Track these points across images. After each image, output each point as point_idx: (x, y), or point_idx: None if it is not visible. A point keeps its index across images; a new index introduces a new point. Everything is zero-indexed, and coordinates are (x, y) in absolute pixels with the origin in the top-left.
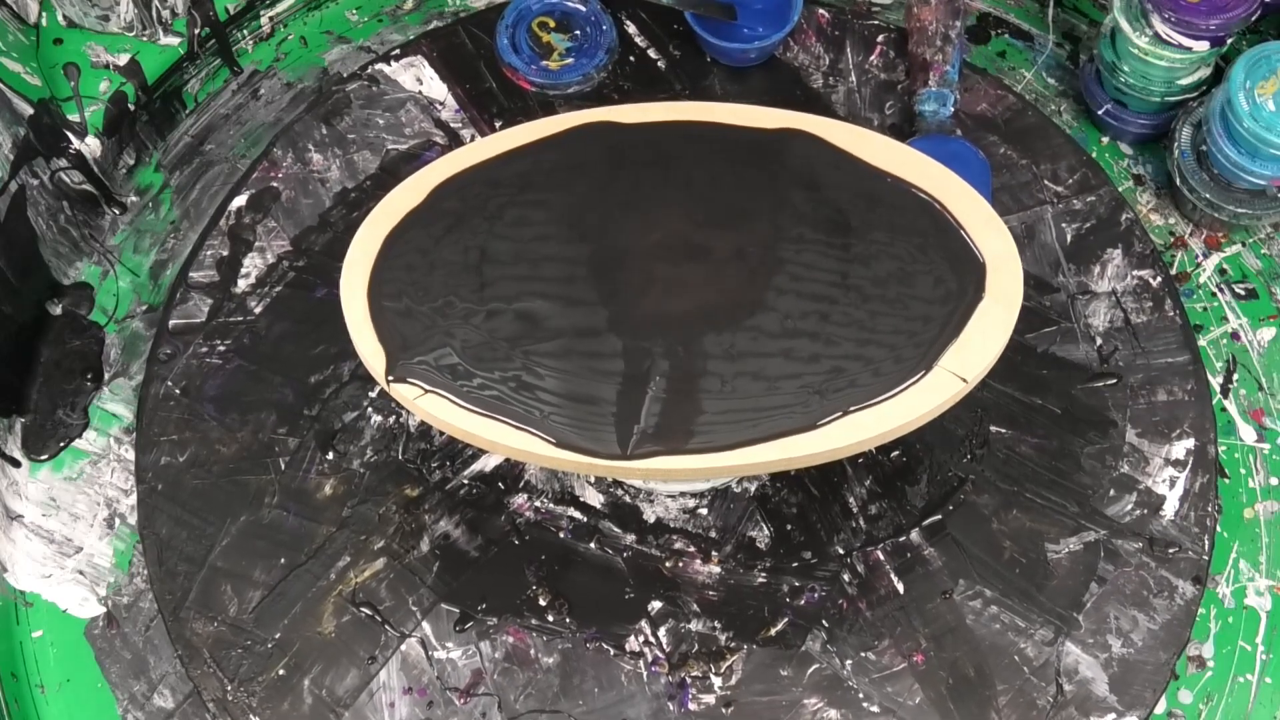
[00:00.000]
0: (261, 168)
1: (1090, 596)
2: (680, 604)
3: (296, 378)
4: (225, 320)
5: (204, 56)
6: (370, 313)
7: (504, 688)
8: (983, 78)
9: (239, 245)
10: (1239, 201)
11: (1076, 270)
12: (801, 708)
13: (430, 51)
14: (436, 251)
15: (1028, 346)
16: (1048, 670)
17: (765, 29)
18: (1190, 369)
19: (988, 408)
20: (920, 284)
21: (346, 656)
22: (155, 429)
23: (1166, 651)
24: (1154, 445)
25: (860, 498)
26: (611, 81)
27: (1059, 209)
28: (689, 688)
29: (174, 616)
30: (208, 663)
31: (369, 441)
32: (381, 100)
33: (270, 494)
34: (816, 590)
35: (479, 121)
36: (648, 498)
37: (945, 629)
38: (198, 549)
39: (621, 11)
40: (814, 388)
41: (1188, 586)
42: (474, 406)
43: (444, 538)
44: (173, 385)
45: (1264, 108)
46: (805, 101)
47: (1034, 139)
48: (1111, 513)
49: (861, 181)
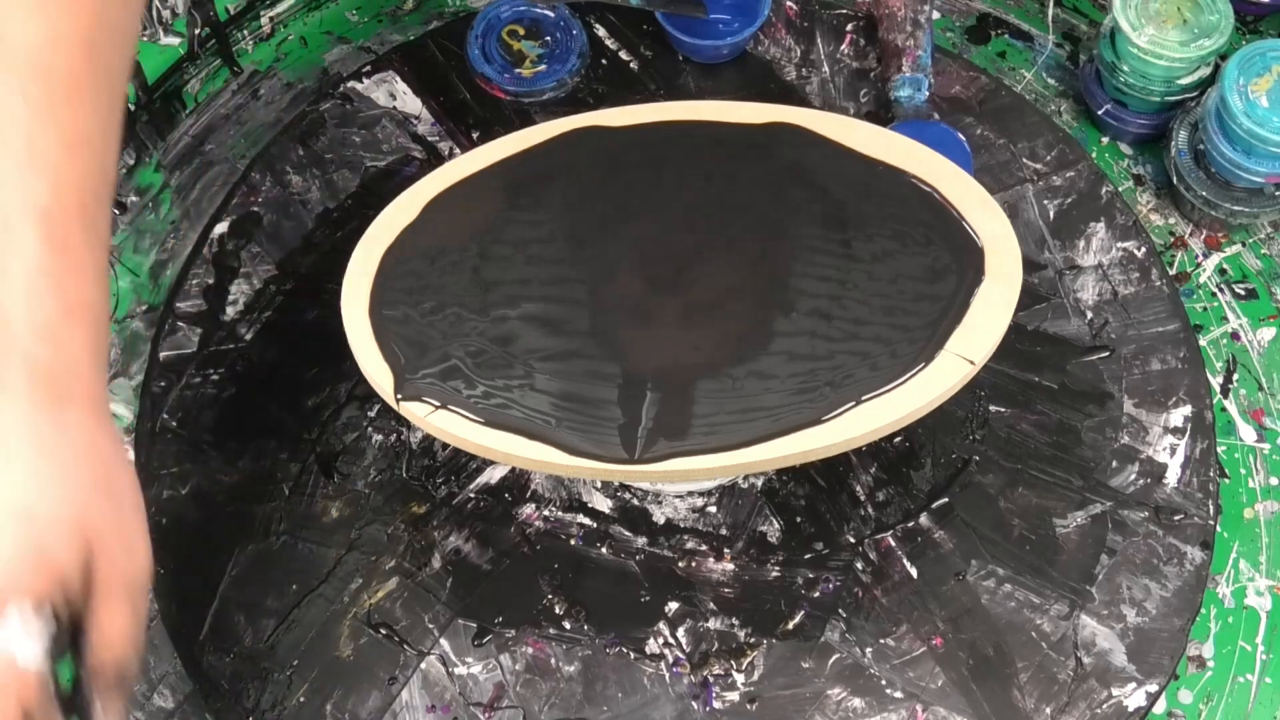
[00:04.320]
0: (241, 193)
1: (1101, 568)
2: (697, 603)
3: (293, 402)
4: (217, 349)
5: (204, 56)
6: (374, 332)
7: (528, 699)
8: (953, 60)
9: (224, 272)
10: (1237, 200)
11: (1062, 246)
12: (826, 698)
13: (401, 66)
14: (436, 266)
15: (1020, 325)
16: (1065, 644)
17: (735, 24)
18: (1181, 336)
19: (986, 388)
20: (921, 269)
21: (367, 679)
22: (154, 463)
23: (1181, 618)
24: (1152, 414)
25: (867, 486)
26: (586, 86)
27: (1039, 186)
28: (712, 686)
29: (188, 651)
30: (226, 695)
31: (371, 461)
32: (356, 118)
33: (276, 521)
34: (831, 580)
35: (456, 134)
36: (655, 499)
37: (961, 610)
38: (207, 581)
39: (590, 15)
40: (824, 379)
41: (1196, 552)
42: (485, 420)
43: (455, 553)
44: (168, 418)
45: (1258, 105)
46: (780, 94)
47: (1009, 118)
48: (1115, 484)
49: (854, 170)
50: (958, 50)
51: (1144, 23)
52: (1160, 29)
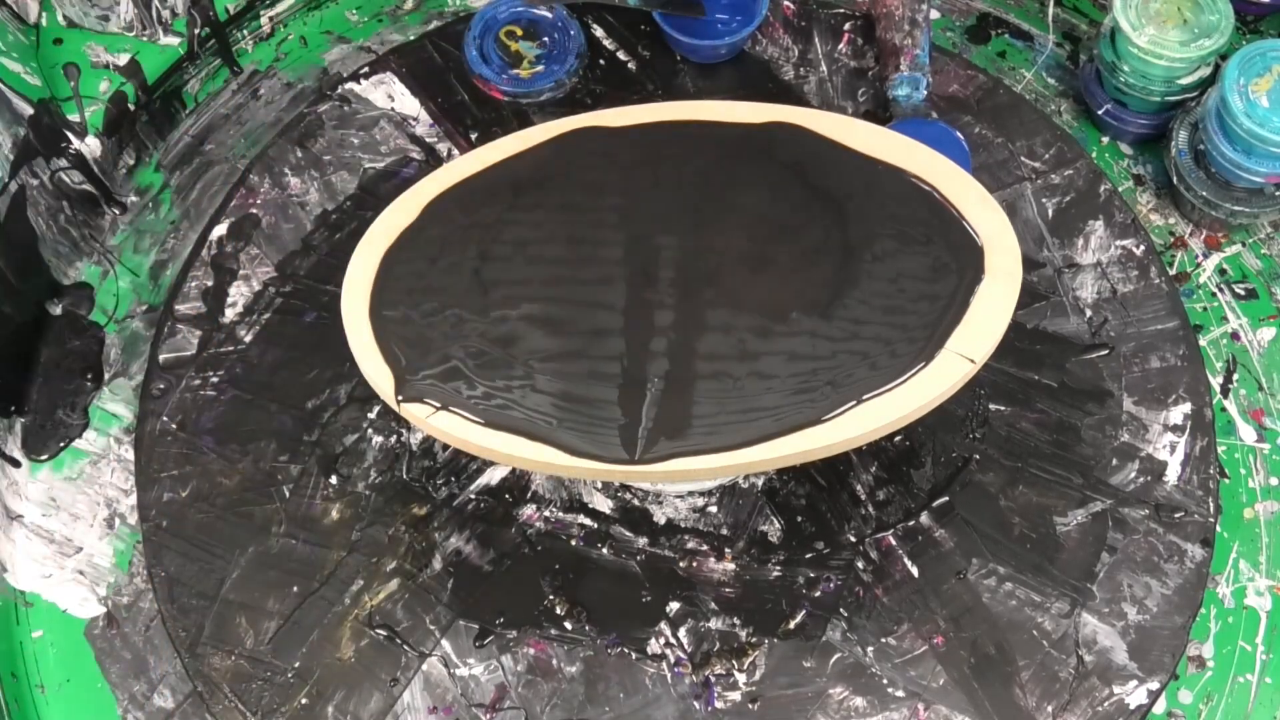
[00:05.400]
0: (239, 195)
1: (1102, 566)
2: (698, 603)
3: (293, 404)
4: (216, 351)
5: (204, 56)
6: (374, 333)
7: (529, 700)
8: (950, 59)
9: (223, 275)
10: (1237, 200)
11: (1061, 244)
12: (827, 698)
13: (399, 68)
14: (436, 267)
15: (1019, 323)
16: (1067, 642)
17: (733, 23)
18: (1180, 334)
19: (986, 386)
20: (921, 268)
21: (368, 680)
22: (155, 466)
23: (1181, 615)
24: (1151, 412)
25: (867, 485)
26: (584, 86)
27: (1038, 185)
28: (714, 686)
29: (190, 653)
30: (228, 697)
31: (372, 463)
32: (354, 120)
33: (277, 523)
34: (832, 580)
35: (454, 135)
36: (656, 499)
37: (962, 609)
38: (208, 583)
39: (588, 16)
40: (825, 379)
41: (1196, 549)
42: (486, 421)
43: (456, 554)
44: (168, 420)
45: (1258, 105)
46: (778, 94)
47: (1007, 117)
48: (1115, 482)
49: (853, 169)
50: (958, 50)
51: (1144, 23)
52: (1160, 29)
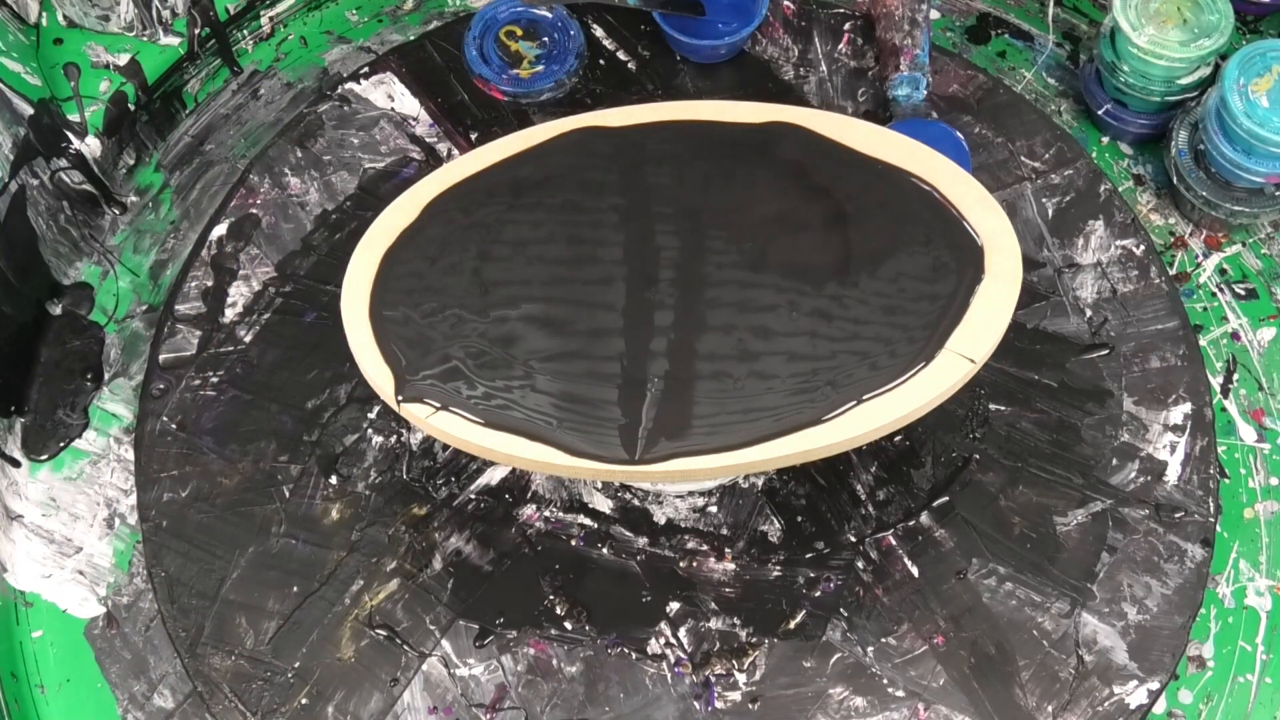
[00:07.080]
0: (239, 195)
1: (1102, 566)
2: (698, 603)
3: (293, 404)
4: (216, 351)
5: (204, 56)
6: (374, 333)
7: (530, 700)
8: (950, 59)
9: (223, 275)
10: (1237, 200)
11: (1061, 244)
12: (828, 697)
13: (399, 68)
14: (436, 267)
15: (1019, 323)
16: (1067, 642)
17: (733, 23)
18: (1180, 334)
19: (986, 386)
20: (921, 268)
21: (369, 680)
22: (155, 466)
23: (1182, 615)
24: (1151, 412)
25: (867, 485)
26: (584, 86)
27: (1038, 185)
28: (714, 686)
29: (190, 653)
30: (228, 697)
31: (372, 463)
32: (354, 120)
33: (277, 523)
34: (832, 580)
35: (454, 135)
36: (656, 499)
37: (963, 609)
38: (208, 583)
39: (588, 16)
40: (825, 379)
41: (1196, 549)
42: (486, 421)
43: (456, 554)
44: (168, 420)
45: (1258, 105)
46: (778, 94)
47: (1007, 116)
48: (1115, 482)
49: (853, 169)
50: (958, 50)
51: (1144, 23)
52: (1160, 29)
